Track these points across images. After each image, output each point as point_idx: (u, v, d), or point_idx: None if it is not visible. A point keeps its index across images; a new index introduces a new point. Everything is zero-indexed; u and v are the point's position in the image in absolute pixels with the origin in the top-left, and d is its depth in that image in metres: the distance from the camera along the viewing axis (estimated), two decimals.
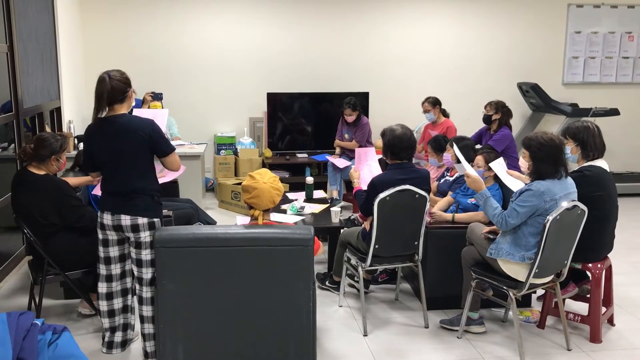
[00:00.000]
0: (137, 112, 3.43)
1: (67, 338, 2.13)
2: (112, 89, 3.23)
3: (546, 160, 3.43)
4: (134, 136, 3.23)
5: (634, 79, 8.56)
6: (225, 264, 3.04)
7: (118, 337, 3.58)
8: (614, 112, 7.69)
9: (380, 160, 4.78)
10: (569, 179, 3.54)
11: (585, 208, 3.51)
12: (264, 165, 7.51)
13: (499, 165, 4.05)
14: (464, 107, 7.78)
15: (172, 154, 3.35)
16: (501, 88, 8.11)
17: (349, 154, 6.92)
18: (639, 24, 8.44)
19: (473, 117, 7.39)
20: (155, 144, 3.28)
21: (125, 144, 3.24)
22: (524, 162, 3.58)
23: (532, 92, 7.78)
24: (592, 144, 3.85)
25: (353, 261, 4.19)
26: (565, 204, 3.40)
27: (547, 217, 3.36)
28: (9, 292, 4.58)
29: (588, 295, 4.07)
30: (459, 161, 4.75)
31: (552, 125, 8.29)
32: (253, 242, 3.06)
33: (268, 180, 3.12)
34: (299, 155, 7.71)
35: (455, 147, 4.13)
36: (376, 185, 3.83)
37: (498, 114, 5.84)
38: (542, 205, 3.39)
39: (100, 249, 3.45)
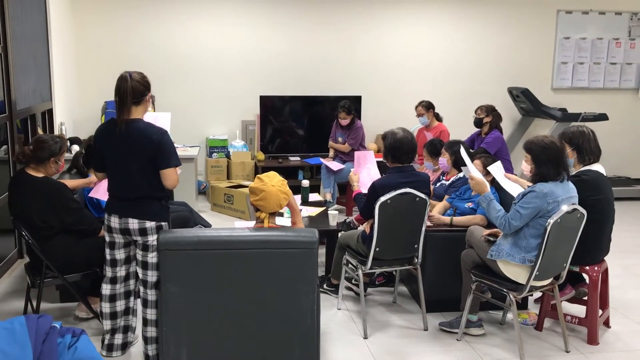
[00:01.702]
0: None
1: (86, 341, 2.12)
2: (130, 89, 3.19)
3: (548, 163, 3.47)
4: (144, 143, 3.20)
5: (622, 84, 8.68)
6: (229, 267, 3.04)
7: (118, 339, 3.55)
8: (603, 117, 7.79)
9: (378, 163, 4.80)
10: (570, 183, 3.58)
11: (584, 212, 3.55)
12: (256, 168, 7.50)
13: (497, 169, 4.08)
14: (455, 112, 7.84)
15: (171, 169, 3.26)
16: (492, 93, 8.18)
17: (342, 156, 6.94)
18: (626, 30, 8.57)
19: (465, 121, 7.44)
20: (158, 153, 3.21)
21: (135, 149, 3.21)
22: (526, 166, 3.61)
23: (523, 97, 7.86)
24: (587, 149, 3.91)
25: (353, 264, 4.19)
26: (565, 208, 3.44)
27: (548, 220, 3.39)
28: (3, 295, 4.52)
29: (584, 298, 4.12)
30: (455, 164, 4.81)
31: (542, 129, 8.37)
32: (257, 244, 3.06)
33: (276, 184, 3.13)
34: (291, 158, 7.70)
35: (462, 149, 4.16)
36: (377, 189, 3.84)
37: (489, 117, 5.95)
38: (545, 206, 3.42)
39: (107, 251, 3.44)
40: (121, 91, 3.21)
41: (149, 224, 3.28)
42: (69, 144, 6.13)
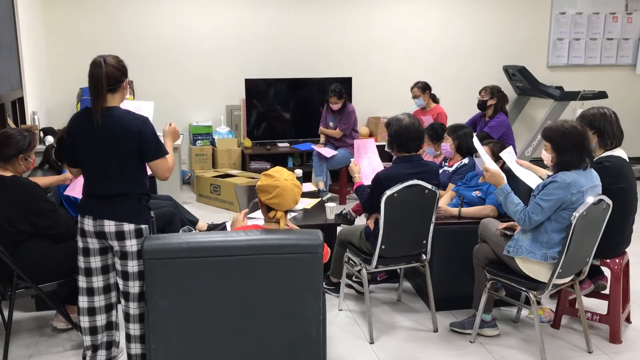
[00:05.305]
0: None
1: None
2: (105, 75, 2.83)
3: (572, 150, 3.15)
4: (123, 134, 2.85)
5: (618, 60, 8.40)
6: (224, 276, 2.70)
7: (101, 356, 3.20)
8: (602, 95, 7.52)
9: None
10: (594, 171, 3.27)
11: (610, 202, 3.26)
12: (243, 155, 7.13)
13: (509, 155, 3.76)
14: (451, 92, 7.51)
15: (162, 159, 2.95)
16: (487, 72, 7.86)
17: (334, 142, 6.61)
18: (623, 4, 8.27)
19: (460, 102, 7.15)
20: (143, 145, 2.88)
21: (112, 141, 2.86)
22: (546, 155, 3.29)
23: (519, 75, 7.55)
24: (609, 132, 3.60)
25: (355, 262, 3.88)
26: (591, 199, 3.14)
27: (574, 213, 3.09)
28: None
29: (603, 292, 3.85)
30: (459, 150, 4.50)
31: (538, 109, 8.11)
32: (255, 250, 2.72)
33: (288, 177, 2.79)
34: (280, 144, 7.34)
35: (475, 139, 3.82)
36: (382, 181, 3.51)
37: (493, 99, 5.64)
38: (569, 198, 3.12)
39: (80, 258, 3.04)
40: (95, 78, 2.84)
41: (127, 227, 2.91)
42: (42, 135, 5.73)
